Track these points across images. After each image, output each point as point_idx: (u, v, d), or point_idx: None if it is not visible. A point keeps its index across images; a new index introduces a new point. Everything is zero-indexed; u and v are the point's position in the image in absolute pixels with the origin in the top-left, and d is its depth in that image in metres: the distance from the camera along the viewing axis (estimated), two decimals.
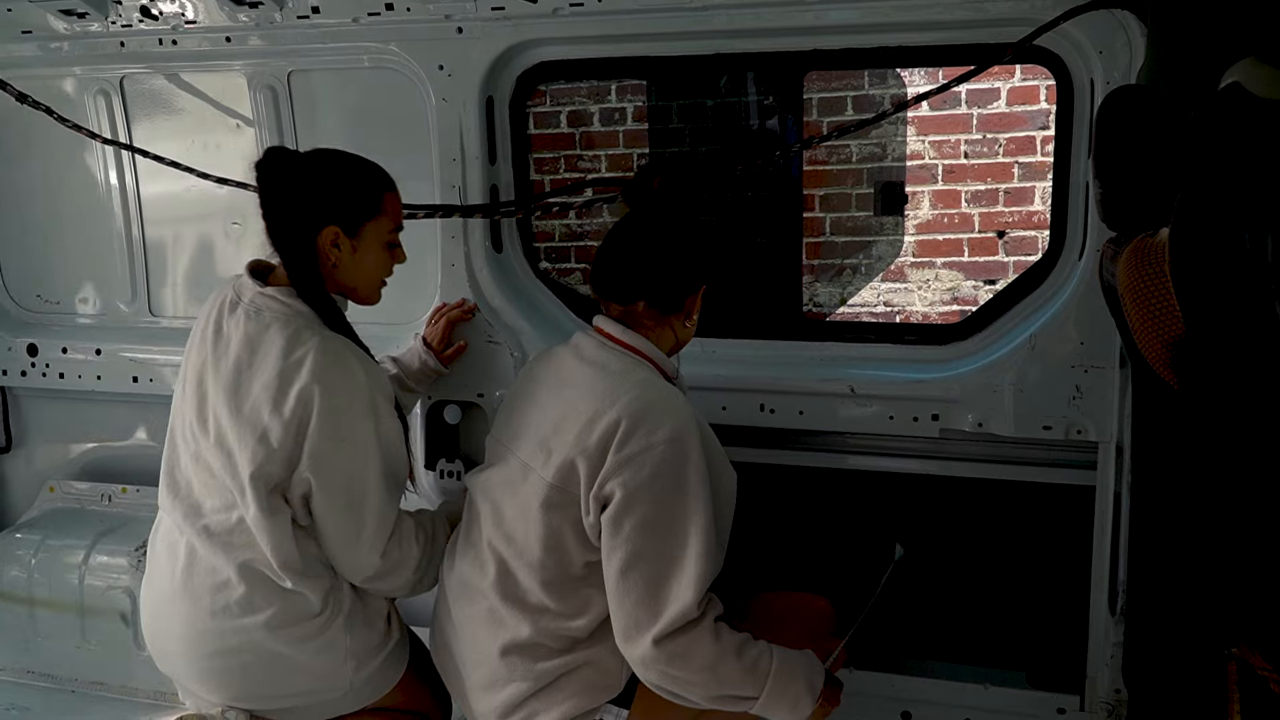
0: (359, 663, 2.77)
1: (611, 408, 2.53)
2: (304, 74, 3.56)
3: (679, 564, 2.47)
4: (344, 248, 2.73)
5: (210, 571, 2.70)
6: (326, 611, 2.72)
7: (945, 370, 3.23)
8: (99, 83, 3.75)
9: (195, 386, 2.76)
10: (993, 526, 3.31)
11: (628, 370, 2.63)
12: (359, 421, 2.66)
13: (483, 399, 3.45)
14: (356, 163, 2.78)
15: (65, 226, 4.02)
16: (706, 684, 2.50)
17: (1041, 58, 3.00)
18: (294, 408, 2.60)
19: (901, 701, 3.29)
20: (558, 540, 2.56)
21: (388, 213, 2.78)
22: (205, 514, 2.72)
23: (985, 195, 6.22)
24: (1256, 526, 1.91)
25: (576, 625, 2.62)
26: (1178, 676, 2.53)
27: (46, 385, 4.04)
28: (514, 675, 2.64)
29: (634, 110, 6.49)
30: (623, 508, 2.48)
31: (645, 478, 2.47)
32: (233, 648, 2.69)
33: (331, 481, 2.65)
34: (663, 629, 2.45)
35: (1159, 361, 2.05)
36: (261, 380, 2.63)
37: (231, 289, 2.79)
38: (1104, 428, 3.02)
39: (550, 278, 3.68)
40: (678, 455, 2.49)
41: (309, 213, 2.69)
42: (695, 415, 2.58)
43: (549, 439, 2.61)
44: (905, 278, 6.44)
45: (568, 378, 2.68)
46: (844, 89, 6.21)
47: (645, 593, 2.47)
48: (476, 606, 2.70)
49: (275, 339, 2.65)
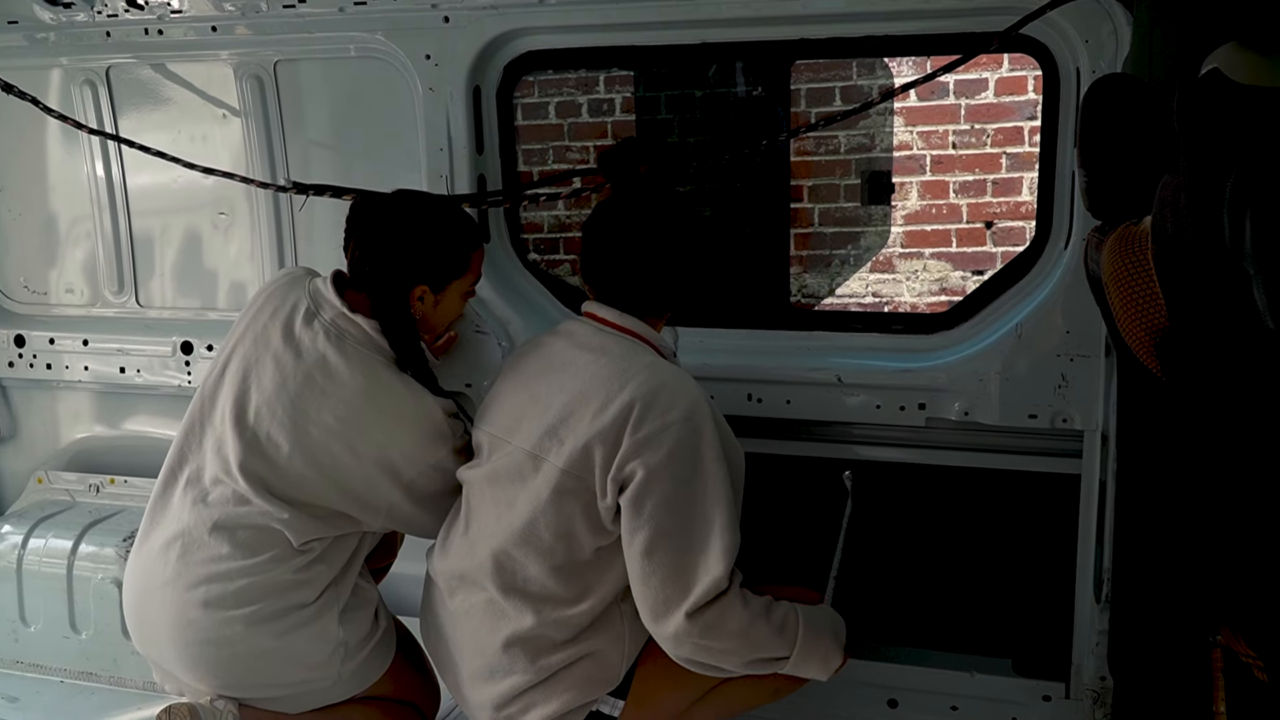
0: (348, 652, 2.78)
1: (623, 390, 2.55)
2: (290, 63, 3.55)
3: (705, 539, 2.50)
4: (428, 302, 2.81)
5: (209, 561, 2.70)
6: (321, 601, 2.73)
7: (932, 359, 3.24)
8: (85, 73, 3.74)
9: (239, 378, 2.76)
10: (979, 515, 3.32)
11: (631, 353, 2.64)
12: (440, 448, 2.80)
13: (470, 389, 3.45)
14: (450, 221, 2.85)
15: (52, 217, 4.01)
16: (740, 650, 2.55)
17: (1028, 46, 3.00)
18: (376, 454, 2.73)
19: (888, 689, 3.30)
20: (569, 527, 2.58)
21: (473, 270, 2.88)
22: (213, 504, 2.73)
23: (973, 186, 6.22)
24: (1241, 514, 1.92)
25: (578, 611, 2.62)
26: (1162, 664, 2.54)
27: (34, 376, 4.03)
28: (514, 668, 2.64)
29: (622, 101, 6.48)
30: (643, 488, 2.50)
31: (663, 457, 2.49)
32: (224, 637, 2.69)
33: (427, 498, 2.82)
34: (694, 602, 2.48)
35: (1143, 349, 2.06)
36: (336, 414, 2.70)
37: (307, 294, 2.80)
38: (1089, 416, 3.03)
39: (539, 268, 3.68)
40: (693, 433, 2.52)
41: (403, 271, 2.76)
42: (704, 393, 2.60)
43: (558, 427, 2.60)
44: (893, 268, 6.44)
45: (565, 365, 2.68)
46: (832, 80, 6.21)
47: (673, 569, 2.49)
48: (475, 597, 2.69)
49: (357, 374, 2.72)
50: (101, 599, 3.60)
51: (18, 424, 4.21)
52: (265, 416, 2.71)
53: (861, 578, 3.37)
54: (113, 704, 3.56)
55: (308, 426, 2.69)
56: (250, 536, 2.70)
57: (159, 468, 2.88)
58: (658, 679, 2.71)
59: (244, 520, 2.70)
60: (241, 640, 2.69)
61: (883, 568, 3.41)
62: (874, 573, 3.41)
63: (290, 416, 2.70)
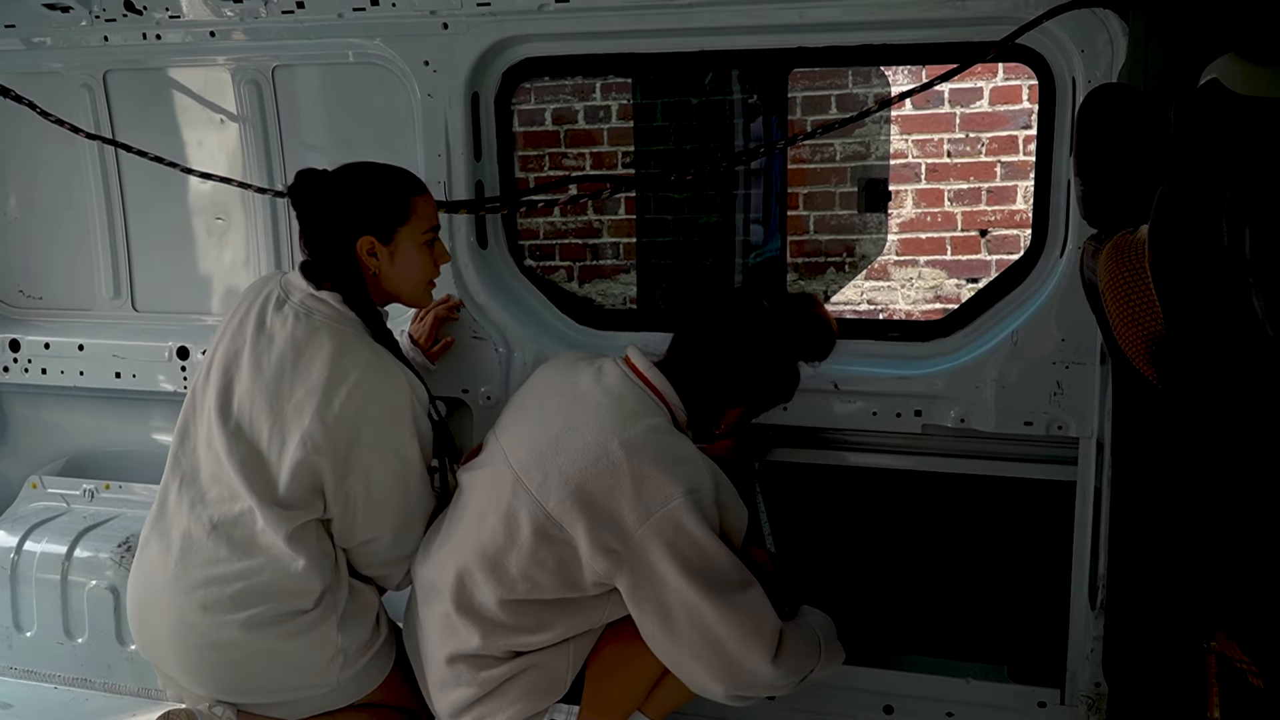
0: (347, 659, 2.78)
1: (614, 441, 2.54)
2: (288, 69, 3.55)
3: (736, 625, 2.50)
4: (381, 255, 2.79)
5: (208, 564, 2.70)
6: (319, 609, 2.73)
7: (928, 366, 3.24)
8: (82, 77, 3.73)
9: (221, 375, 2.79)
10: (975, 522, 3.32)
11: (643, 410, 2.62)
12: (403, 434, 2.74)
13: (467, 395, 3.45)
14: (383, 171, 2.85)
15: (48, 222, 4.00)
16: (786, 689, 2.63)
17: (1024, 56, 3.01)
18: (340, 416, 2.66)
19: (884, 695, 3.30)
20: (537, 571, 2.57)
21: (419, 214, 2.83)
22: (210, 503, 2.74)
23: (968, 194, 6.24)
24: (1236, 520, 1.93)
25: (530, 640, 2.64)
26: (1157, 670, 2.55)
27: (29, 381, 4.02)
28: (460, 680, 2.68)
29: (619, 108, 6.50)
30: (652, 590, 2.51)
31: (663, 547, 2.48)
32: (223, 641, 2.69)
33: (382, 493, 2.75)
34: (740, 693, 2.57)
35: (1139, 357, 2.07)
36: (306, 385, 2.69)
37: (278, 285, 2.84)
38: (1085, 423, 3.04)
39: (535, 274, 3.68)
40: (692, 508, 2.50)
41: (342, 227, 2.76)
42: (710, 466, 2.61)
43: (545, 457, 2.60)
44: (889, 276, 6.46)
45: (580, 395, 2.68)
46: (828, 88, 6.23)
47: (713, 663, 2.53)
48: (436, 609, 2.72)
49: (324, 344, 2.71)
50: (96, 605, 3.59)
51: (12, 429, 4.20)
52: (247, 406, 2.73)
53: (858, 584, 3.38)
54: (107, 710, 3.54)
55: (284, 407, 2.70)
56: (246, 537, 2.70)
57: (155, 473, 2.89)
58: (609, 678, 2.75)
59: (239, 519, 2.70)
60: (240, 645, 2.69)
61: (878, 574, 3.41)
62: (870, 579, 3.41)
63: (269, 401, 2.71)
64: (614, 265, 6.72)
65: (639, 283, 6.60)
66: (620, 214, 6.65)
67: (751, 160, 5.92)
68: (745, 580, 2.54)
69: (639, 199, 6.49)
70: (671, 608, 2.49)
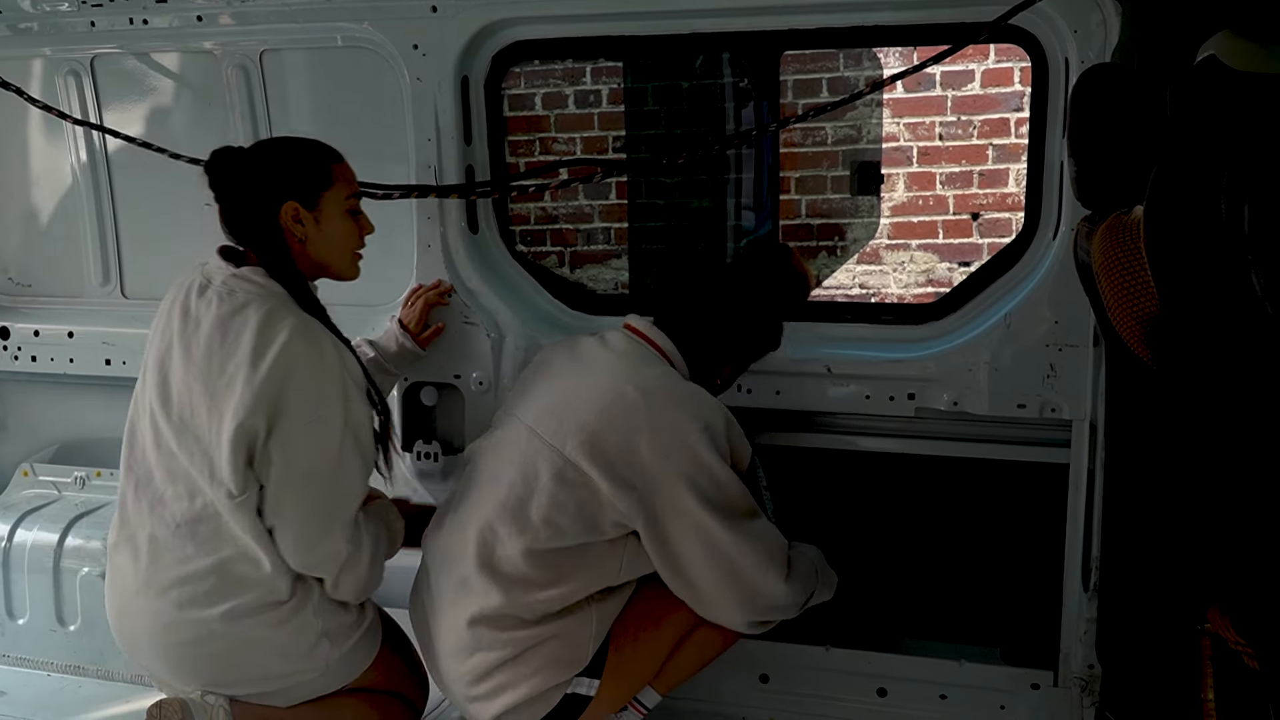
0: (332, 643, 2.76)
1: (629, 386, 2.67)
2: (276, 53, 3.53)
3: (750, 550, 2.66)
4: (307, 221, 2.75)
5: (177, 563, 2.68)
6: (296, 596, 2.70)
7: (921, 350, 3.24)
8: (69, 63, 3.71)
9: (156, 372, 2.75)
10: (968, 505, 3.32)
11: (647, 360, 2.77)
12: (330, 404, 2.66)
13: (459, 380, 3.44)
14: (300, 140, 2.85)
15: (37, 209, 3.98)
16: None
17: (1016, 37, 3.00)
18: (265, 382, 2.59)
19: (877, 679, 3.31)
20: (559, 515, 2.63)
21: (341, 180, 2.81)
22: (168, 502, 2.70)
23: (960, 177, 6.24)
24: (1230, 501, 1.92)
25: (548, 596, 2.66)
26: (1151, 652, 2.55)
27: (19, 368, 4.00)
28: (480, 644, 2.70)
29: (609, 93, 6.47)
30: (671, 524, 2.64)
31: (681, 481, 2.61)
32: (203, 636, 2.67)
33: (300, 462, 2.64)
34: (758, 618, 2.74)
35: (1133, 338, 2.07)
36: (236, 358, 2.62)
37: (199, 274, 2.79)
38: (1078, 406, 3.04)
39: (527, 259, 3.67)
40: (708, 443, 2.65)
41: (264, 194, 2.73)
42: (715, 399, 2.75)
43: (558, 407, 2.71)
44: (881, 260, 6.45)
45: (585, 358, 2.81)
46: (820, 71, 6.22)
47: (731, 590, 2.69)
48: (452, 576, 2.75)
49: (250, 317, 2.65)
50: (88, 592, 3.58)
51: (2, 417, 4.19)
52: (185, 396, 2.68)
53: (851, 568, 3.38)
54: (101, 697, 3.54)
55: (216, 384, 2.64)
56: (211, 531, 2.66)
57: None
58: (631, 649, 2.79)
59: (202, 515, 2.66)
60: (221, 637, 2.67)
61: (872, 557, 3.41)
62: (863, 563, 3.41)
63: (204, 383, 2.65)
64: (606, 250, 6.70)
65: (631, 268, 6.59)
66: (612, 199, 6.63)
67: (743, 143, 5.91)
68: (754, 508, 2.72)
69: (631, 184, 6.47)
70: (690, 540, 2.63)
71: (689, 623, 2.80)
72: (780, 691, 3.34)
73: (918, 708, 3.28)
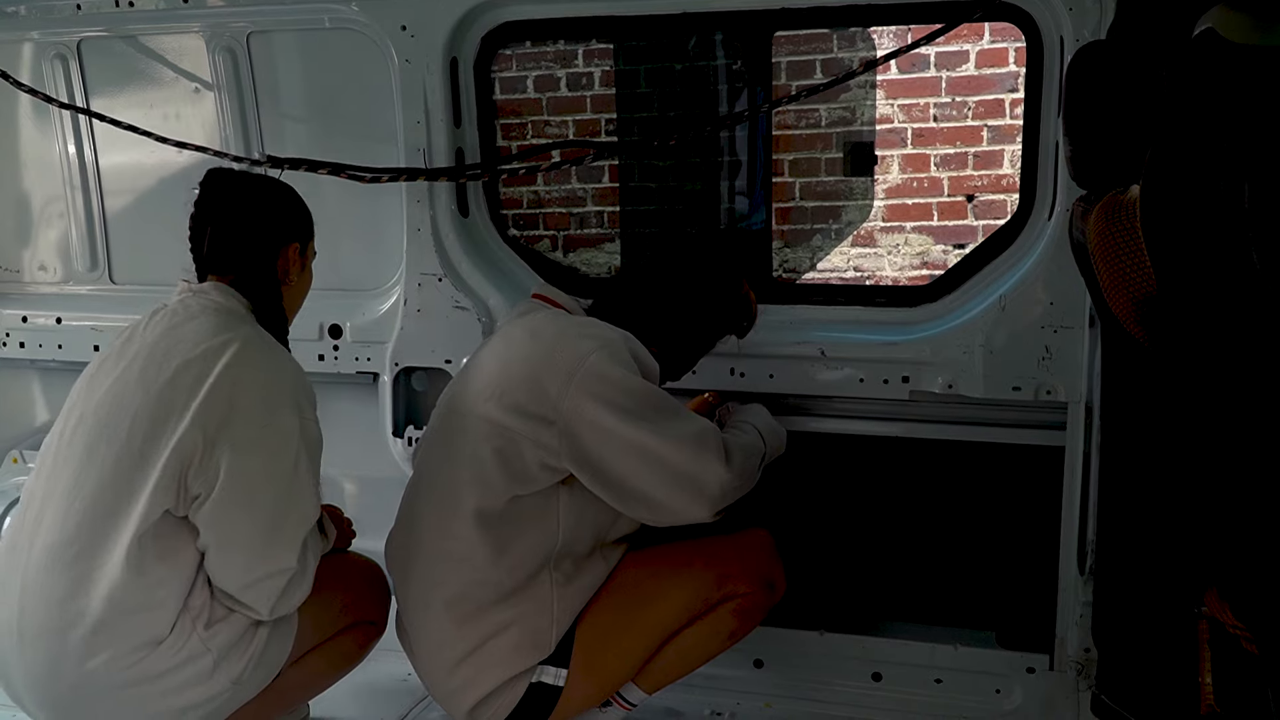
0: (234, 659, 2.53)
1: (523, 333, 2.75)
2: (264, 35, 3.49)
3: (681, 445, 2.62)
4: (305, 257, 2.79)
5: (55, 603, 2.43)
6: (175, 629, 2.46)
7: (915, 332, 3.22)
8: (56, 47, 3.67)
9: (67, 413, 2.61)
10: (963, 488, 3.31)
11: (548, 313, 2.82)
12: (283, 410, 2.52)
13: (450, 365, 3.42)
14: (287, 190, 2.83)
15: (24, 194, 3.96)
16: None
17: (1011, 15, 2.98)
18: (216, 384, 2.45)
19: (872, 663, 3.30)
20: (482, 467, 2.63)
21: (312, 233, 2.85)
22: (61, 545, 2.45)
23: (954, 159, 6.20)
24: (1226, 483, 1.91)
25: (499, 570, 2.65)
26: (1147, 635, 2.54)
27: (6, 355, 3.97)
28: (447, 636, 2.71)
29: (601, 75, 6.44)
30: (598, 448, 2.60)
31: (593, 401, 2.59)
32: (85, 695, 2.44)
33: (254, 472, 2.46)
34: (713, 509, 2.65)
35: (1129, 318, 2.05)
36: (182, 357, 2.49)
37: (145, 316, 2.66)
38: (1073, 388, 3.02)
39: (519, 243, 3.65)
40: (609, 358, 2.64)
41: (275, 228, 2.72)
42: (610, 326, 2.77)
43: (468, 386, 2.75)
44: (875, 242, 6.43)
45: (503, 335, 2.84)
46: (812, 53, 6.18)
47: (674, 493, 2.63)
48: (415, 573, 2.77)
49: (203, 321, 2.55)
50: None
51: None
52: (106, 412, 2.51)
53: (846, 551, 3.37)
54: None
55: (154, 388, 2.47)
56: (82, 571, 2.42)
57: None
58: (601, 644, 2.76)
59: (79, 555, 2.42)
60: (106, 694, 2.43)
61: (866, 541, 3.40)
62: (858, 546, 3.40)
63: (144, 389, 2.48)
64: (598, 234, 6.67)
65: (623, 251, 6.56)
66: (604, 183, 6.60)
67: (735, 124, 5.88)
68: (674, 405, 2.70)
69: (623, 167, 6.44)
70: (621, 456, 2.60)
71: (665, 625, 2.78)
72: (775, 676, 3.33)
73: (912, 692, 3.27)
